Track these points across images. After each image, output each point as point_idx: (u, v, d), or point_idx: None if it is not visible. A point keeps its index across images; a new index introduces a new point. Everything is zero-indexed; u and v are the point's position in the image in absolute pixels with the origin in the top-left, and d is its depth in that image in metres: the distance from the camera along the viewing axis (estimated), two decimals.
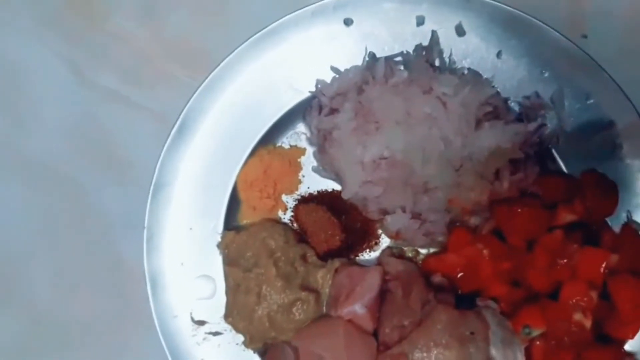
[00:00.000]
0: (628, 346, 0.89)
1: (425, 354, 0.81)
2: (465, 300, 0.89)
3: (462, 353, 0.80)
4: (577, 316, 0.82)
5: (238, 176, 0.97)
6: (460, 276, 0.88)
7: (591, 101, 0.91)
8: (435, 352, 0.80)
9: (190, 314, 0.96)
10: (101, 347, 1.00)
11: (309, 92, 0.95)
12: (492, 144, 0.83)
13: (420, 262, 0.95)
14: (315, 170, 0.98)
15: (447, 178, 0.84)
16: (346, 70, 0.91)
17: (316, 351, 0.86)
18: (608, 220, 0.91)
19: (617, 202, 0.89)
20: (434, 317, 0.82)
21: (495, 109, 0.86)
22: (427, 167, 0.84)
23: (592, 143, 0.92)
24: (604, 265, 0.81)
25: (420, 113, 0.84)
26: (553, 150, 0.93)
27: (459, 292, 0.91)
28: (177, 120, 0.95)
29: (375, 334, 0.88)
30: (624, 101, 0.90)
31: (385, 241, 0.98)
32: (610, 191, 0.89)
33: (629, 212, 0.90)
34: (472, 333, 0.82)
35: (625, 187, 0.91)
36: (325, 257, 0.96)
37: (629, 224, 0.89)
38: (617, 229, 0.91)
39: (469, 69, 0.90)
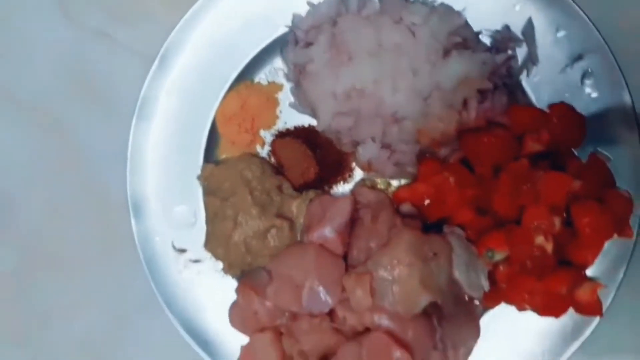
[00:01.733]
0: (590, 272, 0.92)
1: (388, 272, 0.84)
2: (433, 231, 0.92)
3: (424, 271, 0.83)
4: (539, 240, 0.84)
5: (217, 111, 1.00)
6: (428, 204, 0.90)
7: (561, 34, 0.92)
8: (397, 270, 0.83)
9: (172, 242, 1.00)
10: (89, 273, 1.04)
11: (285, 26, 0.97)
12: (459, 72, 0.85)
13: (392, 193, 0.98)
14: (292, 105, 1.00)
15: (416, 107, 0.86)
16: (320, 3, 0.93)
17: (287, 272, 0.89)
18: (575, 152, 0.93)
19: (584, 133, 0.91)
20: (399, 239, 0.85)
21: (465, 40, 0.88)
22: (396, 96, 0.86)
23: (561, 76, 0.93)
24: (566, 190, 0.84)
25: (391, 43, 0.86)
26: (524, 83, 0.94)
27: (428, 222, 0.94)
28: (157, 56, 0.98)
29: (346, 257, 0.92)
30: (594, 34, 0.92)
31: (359, 174, 1.00)
32: (577, 123, 0.91)
33: (595, 144, 0.92)
34: (435, 254, 0.85)
35: (592, 119, 0.93)
36: (301, 189, 1.00)
37: (595, 153, 0.91)
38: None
39: (441, 3, 0.92)
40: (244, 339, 0.94)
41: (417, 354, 0.83)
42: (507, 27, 0.91)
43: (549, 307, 0.89)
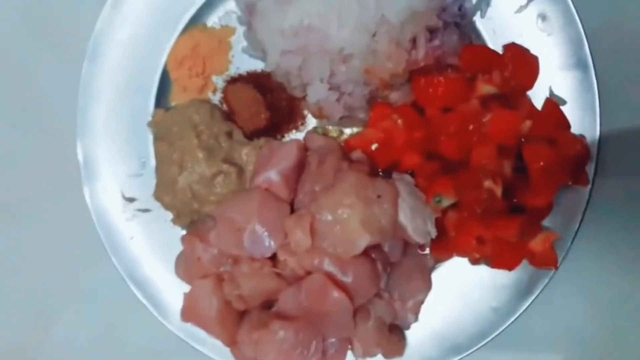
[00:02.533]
0: (547, 222, 0.89)
1: (330, 214, 0.81)
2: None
3: (365, 212, 0.80)
4: (487, 183, 0.81)
5: (168, 55, 0.97)
6: (376, 148, 0.88)
7: None
8: (340, 211, 0.80)
9: (121, 191, 0.98)
10: (39, 222, 1.03)
11: None
12: (406, 6, 0.82)
13: (344, 142, 0.95)
14: (244, 50, 0.98)
15: (363, 43, 0.83)
16: None
17: (231, 216, 0.87)
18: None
19: (537, 74, 0.88)
20: (343, 181, 0.82)
21: None
22: (342, 31, 0.83)
23: (516, 17, 0.90)
24: (515, 129, 0.80)
25: None
26: (478, 24, 0.91)
27: (379, 169, 0.91)
28: None
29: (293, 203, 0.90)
30: None
31: (312, 123, 0.98)
32: (530, 64, 0.87)
33: (550, 87, 0.88)
34: (379, 196, 0.82)
35: (546, 62, 0.90)
36: (252, 137, 0.97)
37: (549, 98, 0.88)
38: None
39: None
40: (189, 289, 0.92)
41: (357, 297, 0.81)
42: None
43: (501, 258, 0.86)
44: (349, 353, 0.88)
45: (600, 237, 0.94)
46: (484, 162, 0.80)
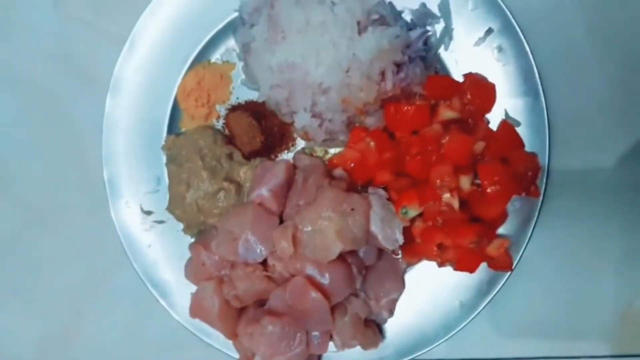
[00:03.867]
0: (502, 230, 1.00)
1: (311, 226, 0.94)
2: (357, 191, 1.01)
3: (340, 224, 0.92)
4: (446, 196, 0.92)
5: (178, 88, 1.12)
6: (353, 167, 1.00)
7: (474, 10, 1.00)
8: (319, 223, 0.93)
9: (140, 205, 1.12)
10: (72, 232, 1.18)
11: (234, 10, 1.09)
12: (373, 45, 0.94)
13: (328, 160, 1.08)
14: (243, 82, 1.12)
15: (338, 77, 0.96)
16: None
17: (229, 227, 1.01)
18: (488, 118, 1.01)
19: (494, 100, 0.99)
20: (322, 196, 0.95)
21: (382, 17, 0.97)
22: (320, 68, 0.96)
23: (476, 49, 1.02)
24: (469, 150, 0.92)
25: (316, 21, 0.96)
26: (443, 56, 1.03)
27: (358, 185, 1.04)
28: (127, 39, 1.12)
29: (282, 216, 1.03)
30: (502, 10, 1.00)
31: (301, 144, 1.11)
32: (488, 91, 0.99)
33: (505, 111, 1.00)
34: (352, 209, 0.94)
35: (502, 88, 1.00)
36: (250, 157, 1.10)
37: (505, 120, 0.98)
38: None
39: None
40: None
41: (334, 296, 0.94)
42: (423, 4, 1.01)
43: (462, 262, 0.98)
44: (331, 344, 1.01)
45: (552, 240, 1.06)
46: (442, 178, 0.91)
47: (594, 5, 1.06)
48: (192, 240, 1.11)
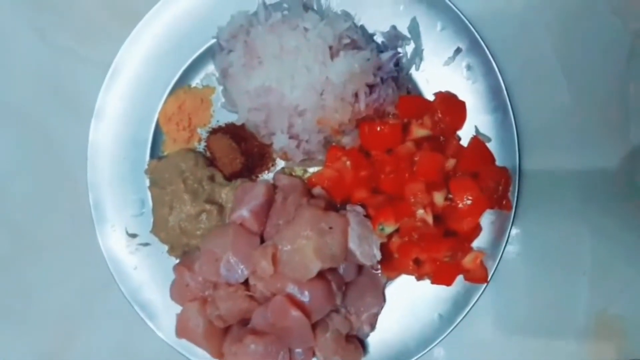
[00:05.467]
0: (477, 243, 1.02)
1: (290, 245, 0.96)
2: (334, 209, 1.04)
3: (318, 242, 0.95)
4: (420, 212, 0.95)
5: (160, 112, 1.15)
6: (331, 185, 1.03)
7: (442, 31, 1.04)
8: (297, 241, 0.95)
9: (125, 228, 1.14)
10: (60, 256, 1.20)
11: (212, 37, 1.12)
12: (345, 69, 0.97)
13: (307, 179, 1.10)
14: (223, 106, 1.14)
15: (313, 101, 0.99)
16: (235, 15, 1.07)
17: (211, 249, 1.03)
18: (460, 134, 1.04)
19: (465, 117, 1.02)
20: (300, 216, 0.97)
21: (354, 41, 1.00)
22: (295, 91, 0.99)
23: (445, 68, 1.05)
24: (440, 168, 0.94)
25: (290, 46, 0.99)
26: (414, 76, 1.06)
27: (336, 203, 1.06)
28: (110, 66, 1.14)
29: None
30: (469, 29, 1.03)
31: (281, 164, 1.14)
32: (458, 108, 1.01)
33: (476, 127, 1.03)
34: (330, 228, 0.96)
35: (473, 105, 1.03)
36: (232, 178, 1.13)
37: (476, 136, 1.01)
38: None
39: (335, 11, 1.05)
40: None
41: (315, 314, 0.96)
42: (393, 27, 1.04)
43: (439, 275, 1.00)
44: None
45: (526, 249, 1.09)
46: (415, 195, 0.94)
47: (556, 23, 1.10)
48: (177, 261, 1.12)
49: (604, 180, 1.09)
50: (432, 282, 1.00)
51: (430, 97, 1.05)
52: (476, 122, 1.03)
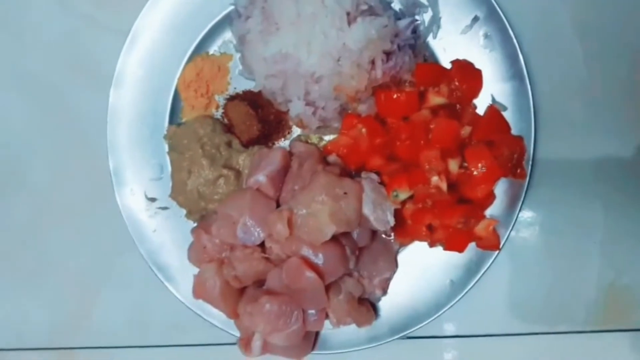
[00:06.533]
0: (490, 211, 1.03)
1: (305, 209, 0.98)
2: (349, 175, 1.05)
3: (333, 207, 0.96)
4: (434, 179, 0.96)
5: (178, 80, 1.16)
6: (346, 153, 1.04)
7: None
8: (312, 206, 0.97)
9: (144, 192, 1.17)
10: (80, 221, 1.23)
11: (230, 4, 1.12)
12: (362, 35, 0.97)
13: (323, 147, 1.12)
14: (240, 73, 1.15)
15: (329, 66, 1.00)
16: None
17: (228, 212, 1.05)
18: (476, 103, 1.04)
19: (481, 85, 1.02)
20: (316, 181, 0.99)
21: (371, 8, 1.00)
22: (311, 57, 1.00)
23: (463, 36, 1.05)
24: (455, 135, 0.95)
25: (307, 12, 0.99)
26: (431, 44, 1.06)
27: (351, 170, 1.07)
28: (128, 33, 1.16)
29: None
30: None
31: (297, 132, 1.15)
32: (475, 76, 1.02)
33: (492, 96, 1.03)
34: (345, 193, 0.98)
35: (489, 73, 1.03)
36: (249, 145, 1.14)
37: (492, 104, 1.02)
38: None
39: None
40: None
41: (328, 276, 0.98)
42: None
43: (451, 242, 1.02)
44: (327, 322, 1.06)
45: (538, 220, 1.10)
46: (430, 162, 0.95)
47: None
48: (195, 225, 1.15)
49: (619, 153, 1.09)
50: (445, 249, 1.02)
51: (447, 65, 1.05)
52: (492, 90, 1.04)
